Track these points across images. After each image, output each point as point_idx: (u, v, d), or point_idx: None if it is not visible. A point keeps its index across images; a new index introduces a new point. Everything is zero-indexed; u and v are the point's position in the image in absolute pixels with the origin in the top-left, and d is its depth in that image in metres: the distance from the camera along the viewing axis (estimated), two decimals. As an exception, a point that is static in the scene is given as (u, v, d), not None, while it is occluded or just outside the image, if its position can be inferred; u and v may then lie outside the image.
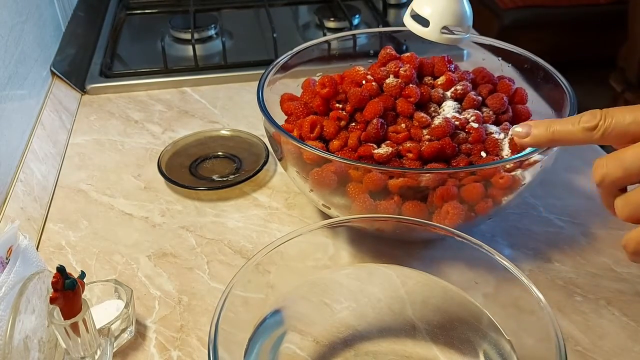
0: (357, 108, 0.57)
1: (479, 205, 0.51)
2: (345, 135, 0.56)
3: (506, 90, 0.60)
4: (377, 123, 0.55)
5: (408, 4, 1.16)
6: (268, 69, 0.63)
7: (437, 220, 0.51)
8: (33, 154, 0.68)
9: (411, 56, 0.61)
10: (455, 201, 0.50)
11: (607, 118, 0.41)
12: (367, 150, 0.54)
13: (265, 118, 0.55)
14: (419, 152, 0.53)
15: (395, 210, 0.51)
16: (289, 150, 0.55)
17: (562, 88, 0.59)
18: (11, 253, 0.43)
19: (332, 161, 0.51)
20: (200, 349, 0.49)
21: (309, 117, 0.57)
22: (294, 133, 0.58)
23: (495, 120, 0.59)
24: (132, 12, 1.11)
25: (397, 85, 0.57)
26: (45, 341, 0.44)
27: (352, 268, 0.50)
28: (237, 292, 0.41)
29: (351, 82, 0.59)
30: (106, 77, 0.89)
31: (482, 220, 0.56)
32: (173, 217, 0.64)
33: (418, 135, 0.55)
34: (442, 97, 0.59)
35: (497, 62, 0.67)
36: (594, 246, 0.59)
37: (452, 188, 0.49)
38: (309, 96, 0.61)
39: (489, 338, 0.44)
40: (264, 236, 0.61)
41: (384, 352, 0.44)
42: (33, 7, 0.80)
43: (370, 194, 0.51)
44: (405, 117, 0.57)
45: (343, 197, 0.53)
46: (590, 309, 0.53)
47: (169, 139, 0.76)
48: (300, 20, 1.12)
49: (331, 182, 0.52)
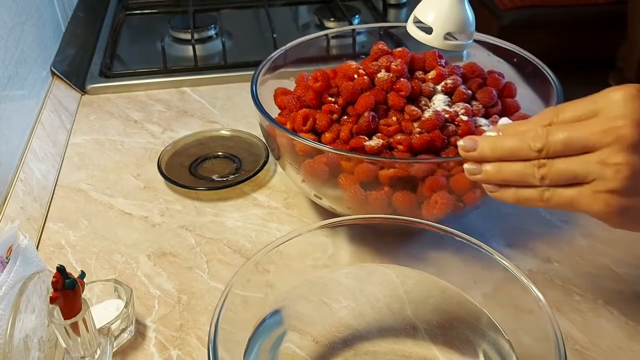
0: (349, 101, 0.58)
1: (468, 195, 0.53)
2: (338, 128, 0.58)
3: (495, 85, 0.62)
4: (368, 116, 0.56)
5: (408, 4, 1.17)
6: (262, 63, 0.64)
7: (427, 210, 0.52)
8: (33, 154, 0.68)
9: (403, 51, 0.62)
10: (444, 191, 0.51)
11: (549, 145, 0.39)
12: (359, 143, 0.55)
13: (259, 111, 0.57)
14: (409, 145, 0.55)
15: (385, 201, 0.52)
16: (282, 143, 0.56)
17: (548, 80, 0.60)
18: (11, 253, 0.43)
19: (324, 152, 0.52)
20: (199, 348, 0.49)
21: (302, 110, 0.58)
22: (287, 126, 0.59)
23: (485, 114, 0.60)
24: (132, 13, 1.11)
25: (388, 79, 0.58)
26: (45, 340, 0.44)
27: (351, 268, 0.50)
28: (237, 292, 0.41)
29: (343, 76, 0.60)
30: (106, 77, 0.89)
31: (470, 210, 0.57)
32: (172, 217, 0.64)
33: (409, 128, 0.56)
34: (433, 91, 0.60)
35: (489, 58, 0.67)
36: (592, 246, 0.59)
37: (440, 178, 0.51)
38: (302, 90, 0.62)
39: (488, 337, 0.44)
40: (263, 236, 0.61)
41: (383, 351, 0.44)
42: (33, 7, 0.80)
43: (361, 184, 0.53)
44: (397, 111, 0.58)
45: (334, 188, 0.54)
46: (588, 308, 0.53)
47: (169, 139, 0.76)
48: (300, 21, 1.12)
49: (323, 172, 0.53)
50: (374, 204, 0.52)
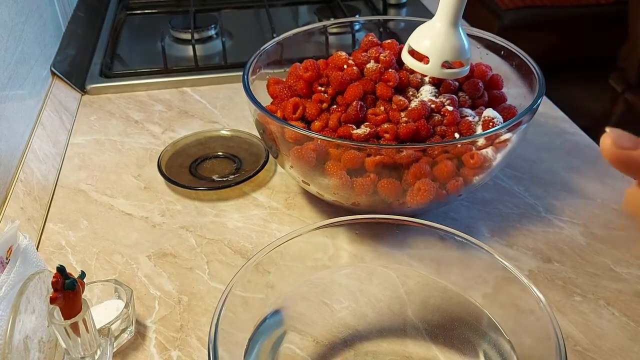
0: (338, 91, 0.60)
1: (451, 183, 0.54)
2: (327, 116, 0.59)
3: (482, 76, 0.63)
4: (356, 105, 0.57)
5: (408, 4, 1.17)
6: (255, 53, 0.66)
7: (410, 198, 0.54)
8: (33, 154, 0.68)
9: (392, 43, 0.64)
10: (427, 179, 0.53)
11: None
12: (347, 131, 0.57)
13: (249, 99, 0.57)
14: (395, 133, 0.56)
15: (371, 187, 0.54)
16: (273, 131, 0.57)
17: (532, 71, 0.61)
18: (11, 253, 0.43)
19: (312, 139, 0.54)
20: (200, 349, 0.49)
21: (292, 99, 0.60)
22: (277, 114, 0.61)
23: (472, 105, 0.61)
24: (132, 13, 1.11)
25: (377, 70, 0.60)
26: (45, 341, 0.44)
27: (351, 268, 0.50)
28: (237, 292, 0.41)
29: (334, 66, 0.62)
30: (106, 77, 0.89)
31: (453, 199, 0.58)
32: (173, 217, 0.64)
33: (396, 117, 0.58)
34: (420, 82, 0.61)
35: (478, 50, 0.68)
36: (593, 246, 0.59)
37: (424, 166, 0.52)
38: (294, 80, 0.63)
39: (489, 338, 0.44)
40: (263, 236, 0.61)
41: (383, 352, 0.44)
42: (33, 7, 0.80)
43: (347, 171, 0.54)
44: (384, 100, 0.59)
45: (322, 175, 0.55)
46: (589, 309, 0.53)
47: (169, 139, 0.76)
48: (300, 21, 1.12)
49: (310, 159, 0.54)
50: (359, 191, 0.54)
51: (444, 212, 0.63)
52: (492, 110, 0.58)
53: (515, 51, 0.64)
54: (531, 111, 0.54)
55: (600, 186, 0.67)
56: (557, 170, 0.70)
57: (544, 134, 0.77)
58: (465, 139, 0.55)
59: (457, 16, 0.55)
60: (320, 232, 0.47)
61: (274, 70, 0.67)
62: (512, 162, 0.70)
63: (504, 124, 0.54)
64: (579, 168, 0.70)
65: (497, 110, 0.59)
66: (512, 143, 0.55)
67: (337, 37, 0.89)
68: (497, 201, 0.65)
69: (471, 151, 0.53)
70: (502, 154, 0.55)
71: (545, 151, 0.74)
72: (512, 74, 0.65)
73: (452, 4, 0.55)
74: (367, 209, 0.56)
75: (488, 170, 0.56)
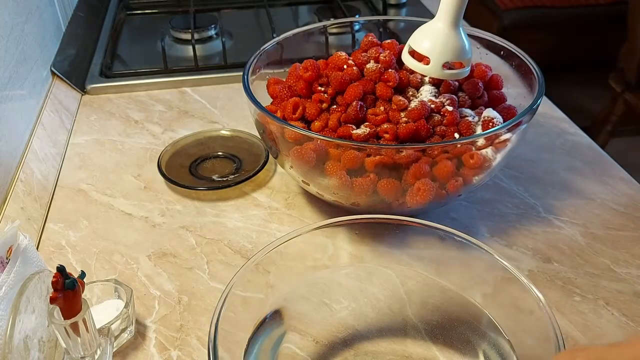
0: (338, 91, 0.60)
1: (450, 184, 0.54)
2: (327, 116, 0.59)
3: (482, 76, 0.63)
4: (356, 105, 0.57)
5: (408, 4, 1.17)
6: (255, 53, 0.65)
7: (410, 197, 0.54)
8: (33, 154, 0.68)
9: (392, 43, 0.64)
10: (427, 179, 0.53)
11: None
12: (347, 131, 0.57)
13: (249, 99, 0.57)
14: (395, 133, 0.56)
15: (370, 187, 0.54)
16: (273, 131, 0.57)
17: (531, 71, 0.61)
18: (11, 253, 0.43)
19: (312, 139, 0.54)
20: (200, 349, 0.49)
21: (292, 99, 0.60)
22: (277, 114, 0.61)
23: (471, 105, 0.61)
24: (132, 13, 1.11)
25: (377, 70, 0.60)
26: (45, 341, 0.44)
27: (351, 268, 0.50)
28: (237, 292, 0.41)
29: (334, 66, 0.62)
30: (106, 77, 0.89)
31: (453, 199, 0.58)
32: (173, 217, 0.64)
33: (396, 117, 0.58)
34: (420, 82, 0.61)
35: (478, 51, 0.68)
36: (593, 246, 0.59)
37: (424, 166, 0.52)
38: (294, 80, 0.63)
39: (489, 338, 0.44)
40: (263, 236, 0.61)
41: (383, 352, 0.44)
42: (33, 7, 0.80)
43: (347, 171, 0.54)
44: (384, 101, 0.59)
45: (322, 175, 0.55)
46: (589, 309, 0.53)
47: (169, 139, 0.76)
48: (300, 21, 1.12)
49: (310, 159, 0.54)
50: (359, 191, 0.54)
51: (443, 212, 0.63)
52: (491, 111, 0.58)
53: (515, 51, 0.64)
54: (531, 111, 0.55)
55: (599, 186, 0.67)
56: (557, 170, 0.70)
57: (544, 134, 0.77)
58: (465, 139, 0.55)
59: (457, 17, 0.55)
60: (320, 232, 0.47)
61: (273, 70, 0.67)
62: (511, 162, 0.70)
63: (504, 124, 0.54)
64: (579, 168, 0.70)
65: (497, 111, 0.59)
66: (511, 143, 0.55)
67: (337, 37, 0.89)
68: (496, 201, 0.65)
69: (471, 151, 0.53)
70: (502, 154, 0.56)
71: (545, 151, 0.74)
72: (512, 74, 0.65)
73: (453, 5, 0.55)
74: (367, 209, 0.56)
75: (488, 170, 0.56)
